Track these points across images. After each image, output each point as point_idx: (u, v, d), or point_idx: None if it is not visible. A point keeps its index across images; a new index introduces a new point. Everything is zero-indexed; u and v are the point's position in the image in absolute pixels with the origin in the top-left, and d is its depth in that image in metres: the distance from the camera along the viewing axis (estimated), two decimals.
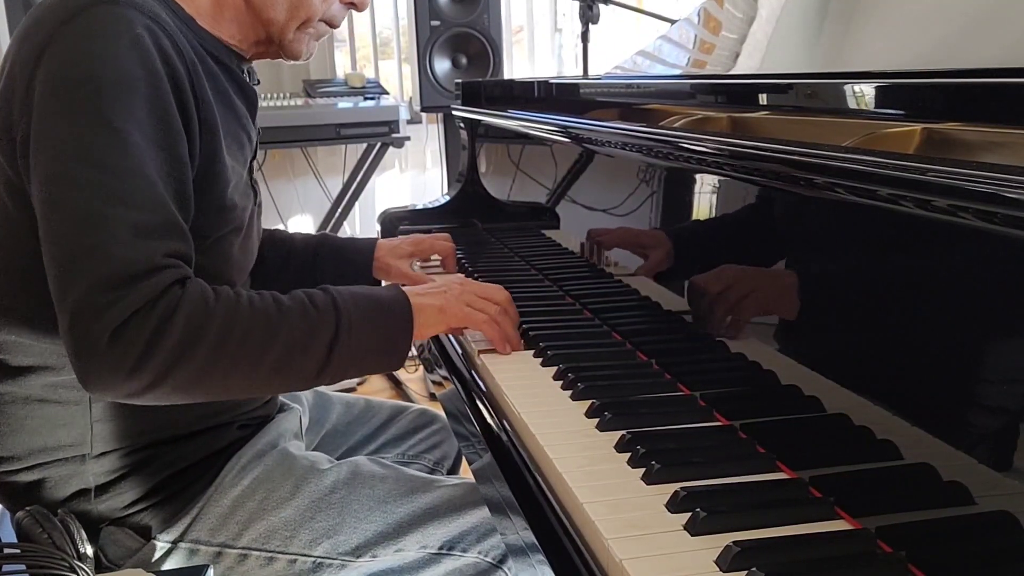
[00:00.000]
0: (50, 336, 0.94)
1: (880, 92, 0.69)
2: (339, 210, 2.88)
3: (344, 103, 2.72)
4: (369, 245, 1.34)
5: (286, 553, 1.00)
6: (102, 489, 0.99)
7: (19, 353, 0.97)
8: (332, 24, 1.09)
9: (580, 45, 2.13)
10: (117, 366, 0.80)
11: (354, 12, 1.11)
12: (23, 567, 0.84)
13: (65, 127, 0.84)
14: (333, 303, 0.91)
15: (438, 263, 1.43)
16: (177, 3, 0.98)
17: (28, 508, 0.92)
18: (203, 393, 0.87)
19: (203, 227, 0.95)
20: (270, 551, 1.00)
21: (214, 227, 0.98)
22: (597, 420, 0.81)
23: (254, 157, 1.12)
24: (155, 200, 0.85)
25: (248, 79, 1.09)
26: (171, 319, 0.81)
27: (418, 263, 1.43)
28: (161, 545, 0.99)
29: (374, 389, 2.97)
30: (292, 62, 1.11)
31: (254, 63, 1.12)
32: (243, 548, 1.00)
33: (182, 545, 1.00)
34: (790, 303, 0.74)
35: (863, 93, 0.70)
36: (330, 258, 1.32)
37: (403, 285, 1.01)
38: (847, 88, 0.72)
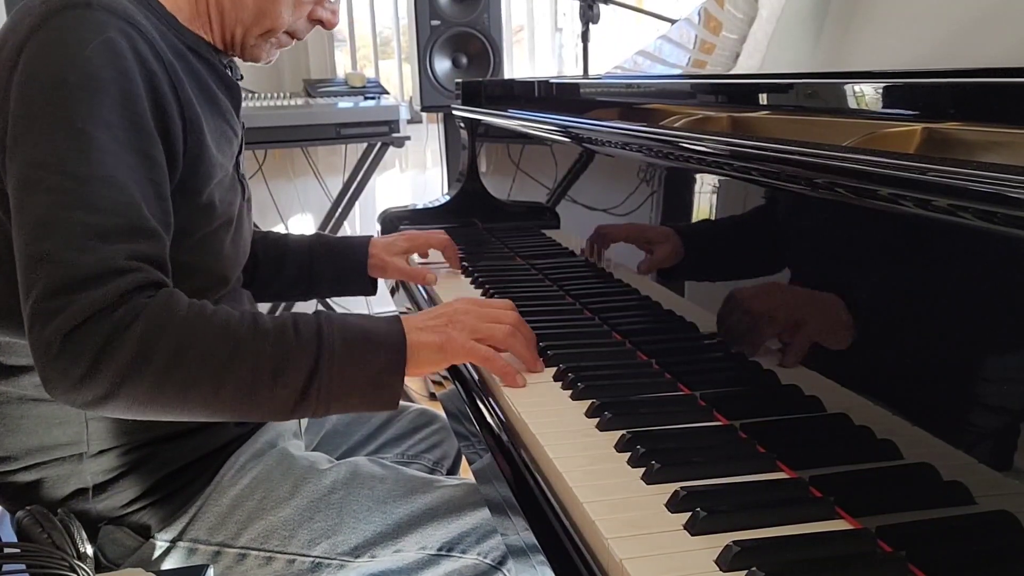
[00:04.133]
0: None
1: (880, 92, 0.69)
2: (339, 210, 2.88)
3: (344, 103, 2.72)
4: (363, 242, 1.35)
5: (285, 553, 1.00)
6: (100, 488, 0.98)
7: (13, 353, 0.97)
8: (296, 36, 1.11)
9: (580, 45, 2.14)
10: (67, 373, 0.77)
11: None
12: (23, 567, 0.84)
13: (33, 132, 0.83)
14: (317, 332, 0.85)
15: (440, 260, 1.43)
16: (158, 1, 0.99)
17: (28, 508, 0.92)
18: (161, 411, 0.82)
19: (187, 225, 0.94)
20: (269, 551, 1.00)
21: (199, 224, 0.97)
22: (597, 420, 0.81)
23: (240, 152, 1.12)
24: (119, 203, 0.83)
25: (231, 73, 1.10)
26: (127, 329, 0.78)
27: (418, 259, 1.43)
28: (160, 544, 0.99)
29: None
30: (255, 63, 1.12)
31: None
32: (242, 547, 1.00)
33: (181, 544, 1.00)
34: (789, 303, 0.74)
35: (863, 93, 0.70)
36: (325, 257, 1.33)
37: (405, 304, 0.98)
38: (847, 88, 0.72)
